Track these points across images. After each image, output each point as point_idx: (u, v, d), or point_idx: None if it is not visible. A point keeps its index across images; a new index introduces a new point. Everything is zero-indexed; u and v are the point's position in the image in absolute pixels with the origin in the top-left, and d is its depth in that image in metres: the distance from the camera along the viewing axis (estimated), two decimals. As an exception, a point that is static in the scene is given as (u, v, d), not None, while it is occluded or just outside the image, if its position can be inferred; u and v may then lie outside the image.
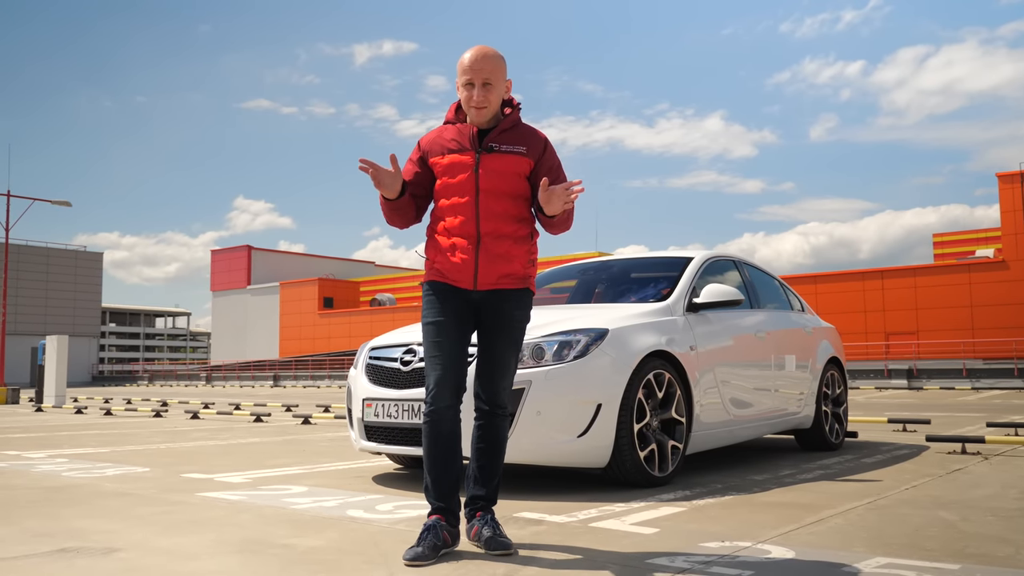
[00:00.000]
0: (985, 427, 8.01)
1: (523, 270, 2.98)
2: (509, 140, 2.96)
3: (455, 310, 2.94)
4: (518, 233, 2.96)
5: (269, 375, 47.17)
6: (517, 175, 2.95)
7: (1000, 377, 25.63)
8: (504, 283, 2.94)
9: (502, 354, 2.95)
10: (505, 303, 2.95)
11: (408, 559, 2.66)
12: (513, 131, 2.98)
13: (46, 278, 59.47)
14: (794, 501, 3.85)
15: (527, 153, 2.96)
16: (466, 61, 2.90)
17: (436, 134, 3.05)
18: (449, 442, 2.89)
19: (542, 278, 6.08)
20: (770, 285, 6.29)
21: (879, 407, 13.22)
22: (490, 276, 2.92)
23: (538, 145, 2.99)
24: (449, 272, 2.94)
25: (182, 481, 4.74)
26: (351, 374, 4.75)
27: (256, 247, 62.46)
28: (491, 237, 2.92)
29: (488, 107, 2.92)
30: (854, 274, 34.87)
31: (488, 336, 2.97)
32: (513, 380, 3.03)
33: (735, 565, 2.61)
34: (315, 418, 10.81)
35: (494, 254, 2.91)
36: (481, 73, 2.88)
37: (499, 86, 2.93)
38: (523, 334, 3.03)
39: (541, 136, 3.02)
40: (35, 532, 3.24)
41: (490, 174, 2.91)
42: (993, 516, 3.44)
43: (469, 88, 2.91)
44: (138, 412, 13.52)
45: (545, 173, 2.97)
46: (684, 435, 4.44)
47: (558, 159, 3.05)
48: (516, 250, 2.95)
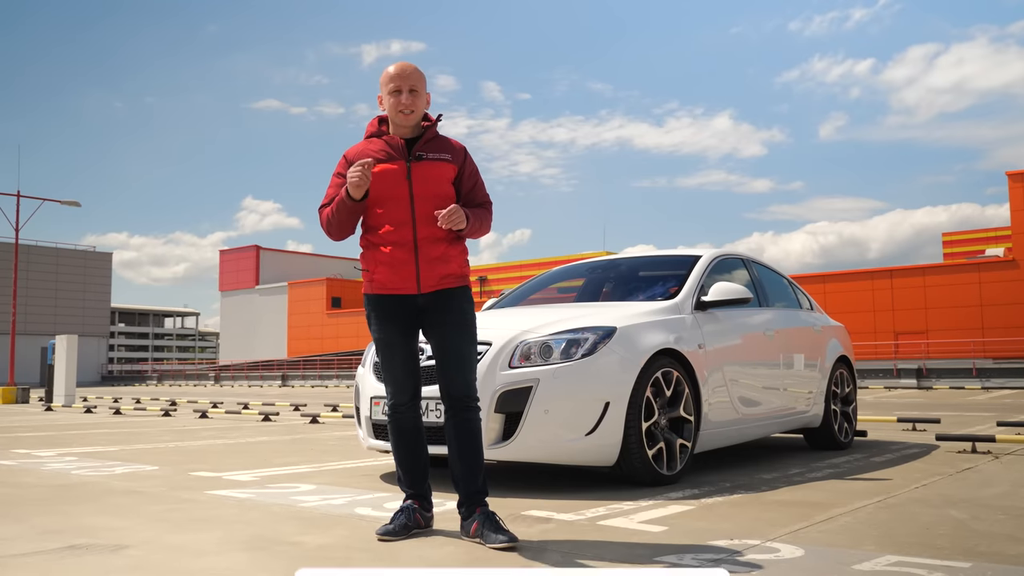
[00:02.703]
0: (995, 426, 7.96)
1: (460, 269, 3.14)
2: (434, 148, 3.14)
3: (401, 323, 3.11)
4: (451, 235, 3.11)
5: (277, 375, 47.26)
6: (446, 180, 3.11)
7: (1010, 377, 25.45)
8: (445, 283, 3.09)
9: (461, 347, 3.09)
10: (451, 299, 3.10)
11: (380, 533, 2.97)
12: (436, 141, 3.17)
13: (56, 278, 59.72)
14: (803, 499, 3.84)
15: (452, 160, 3.14)
16: (392, 71, 3.11)
17: (362, 147, 3.18)
18: (413, 435, 3.17)
19: (549, 277, 6.08)
20: (779, 283, 6.27)
21: (888, 406, 13.16)
22: (431, 278, 3.07)
23: (460, 153, 3.19)
24: (390, 282, 3.08)
25: (191, 479, 4.76)
26: (359, 372, 4.75)
27: (264, 247, 62.65)
28: (428, 241, 3.06)
29: (415, 111, 3.10)
30: (863, 273, 34.75)
31: (442, 334, 3.10)
32: (475, 371, 3.14)
33: (744, 563, 2.60)
34: (323, 417, 10.83)
35: (432, 257, 3.06)
36: (408, 80, 3.09)
37: (422, 95, 3.13)
38: (475, 326, 3.17)
39: (460, 145, 3.23)
40: (45, 529, 3.25)
41: (422, 181, 3.07)
42: (1004, 515, 3.42)
43: (396, 95, 3.08)
44: (147, 411, 13.57)
45: (467, 178, 3.17)
46: (692, 433, 4.43)
47: (476, 166, 3.24)
48: (452, 251, 3.11)
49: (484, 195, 3.24)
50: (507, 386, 4.00)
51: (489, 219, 3.21)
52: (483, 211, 3.18)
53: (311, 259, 65.26)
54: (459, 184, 3.16)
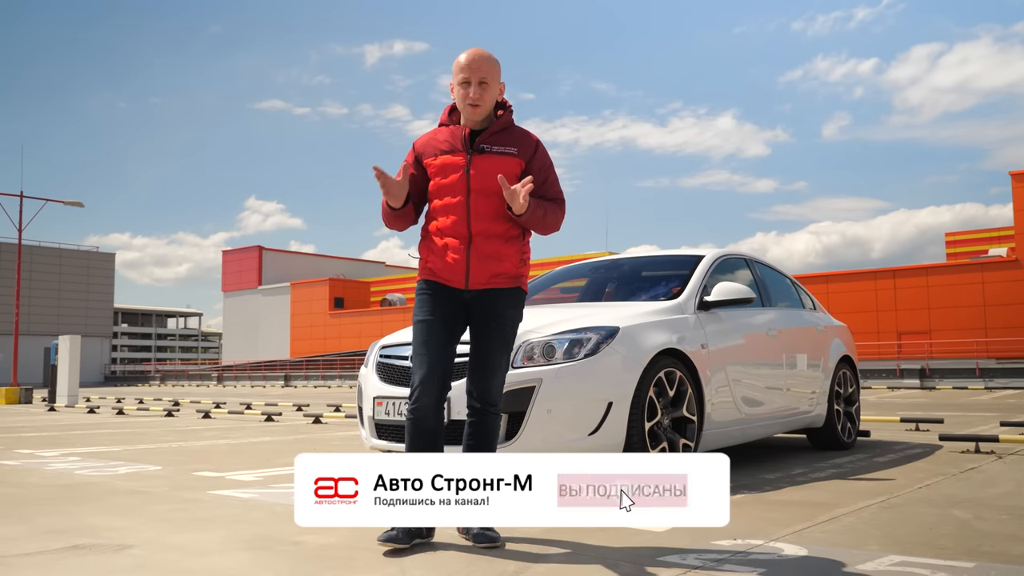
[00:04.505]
0: (999, 426, 7.95)
1: (514, 269, 3.02)
2: (500, 141, 3.01)
3: (445, 309, 2.99)
4: (509, 233, 3.00)
5: (280, 375, 47.27)
6: (509, 176, 2.96)
7: (1013, 377, 25.40)
8: (496, 282, 2.99)
9: (493, 353, 3.00)
10: (497, 302, 3.00)
11: (382, 540, 2.76)
12: (505, 133, 3.03)
13: (59, 279, 59.79)
14: (806, 499, 3.84)
15: (518, 154, 3.00)
16: (463, 60, 2.97)
17: (430, 136, 3.10)
18: (432, 439, 2.96)
19: (552, 277, 6.08)
20: (782, 283, 6.26)
21: (891, 407, 13.15)
22: (481, 276, 2.96)
23: (529, 146, 3.03)
24: (441, 271, 2.99)
25: (194, 479, 4.76)
26: (362, 373, 4.75)
27: (267, 247, 62.66)
28: (481, 237, 2.96)
29: (483, 105, 2.97)
30: (866, 273, 34.70)
31: (480, 335, 3.01)
32: (504, 378, 3.07)
33: (747, 563, 2.60)
34: (326, 417, 10.83)
35: (484, 254, 2.96)
36: (478, 72, 2.94)
37: (494, 86, 2.98)
38: (515, 333, 3.07)
39: (533, 138, 3.07)
40: (48, 529, 3.26)
41: (481, 174, 2.95)
42: (1008, 515, 3.41)
43: (465, 86, 2.96)
44: (150, 411, 13.59)
45: (536, 173, 3.01)
46: (695, 434, 4.43)
47: (549, 159, 3.10)
48: (506, 249, 2.99)
49: (557, 191, 3.08)
50: (510, 386, 3.99)
51: (559, 216, 3.05)
52: (554, 205, 3.03)
53: (314, 259, 65.27)
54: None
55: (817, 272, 36.62)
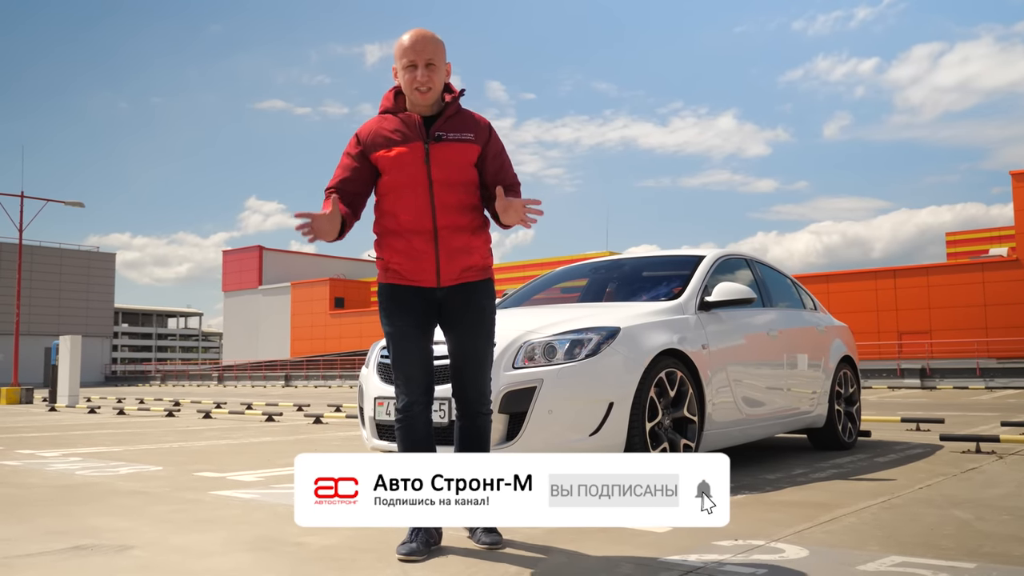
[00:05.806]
0: (1000, 426, 7.94)
1: (483, 260, 2.92)
2: (455, 127, 2.85)
3: (419, 315, 2.87)
4: (474, 223, 2.88)
5: (280, 375, 47.27)
6: (467, 163, 2.85)
7: (1014, 376, 25.38)
8: (467, 276, 2.87)
9: (477, 347, 2.90)
10: (472, 295, 2.88)
11: (403, 554, 2.70)
12: (458, 117, 2.87)
13: (59, 279, 59.79)
14: (807, 500, 3.83)
15: (475, 140, 2.86)
16: (406, 42, 2.80)
17: (376, 124, 2.90)
18: (425, 441, 2.89)
19: (553, 277, 6.08)
20: (782, 283, 6.26)
21: (892, 407, 13.14)
22: (452, 271, 2.84)
23: (484, 131, 2.89)
24: (408, 272, 2.84)
25: (195, 480, 4.76)
26: (363, 373, 4.75)
27: (268, 247, 62.69)
28: (448, 230, 2.82)
29: (433, 89, 2.81)
30: (867, 273, 34.69)
31: (460, 332, 2.90)
32: (491, 375, 2.99)
33: (748, 564, 2.60)
34: (326, 417, 10.83)
35: (454, 248, 2.83)
36: (424, 54, 2.78)
37: (441, 68, 2.82)
38: (494, 324, 2.97)
39: (484, 121, 2.93)
40: (50, 530, 3.26)
41: (442, 165, 2.80)
42: (1009, 515, 3.41)
43: (411, 70, 2.79)
44: (151, 412, 13.59)
45: (491, 159, 2.89)
46: (696, 434, 4.43)
47: (502, 143, 2.95)
48: (475, 241, 2.88)
49: (512, 177, 2.94)
50: (511, 386, 4.00)
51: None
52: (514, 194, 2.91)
53: (314, 259, 65.27)
54: (482, 165, 2.88)
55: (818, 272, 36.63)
